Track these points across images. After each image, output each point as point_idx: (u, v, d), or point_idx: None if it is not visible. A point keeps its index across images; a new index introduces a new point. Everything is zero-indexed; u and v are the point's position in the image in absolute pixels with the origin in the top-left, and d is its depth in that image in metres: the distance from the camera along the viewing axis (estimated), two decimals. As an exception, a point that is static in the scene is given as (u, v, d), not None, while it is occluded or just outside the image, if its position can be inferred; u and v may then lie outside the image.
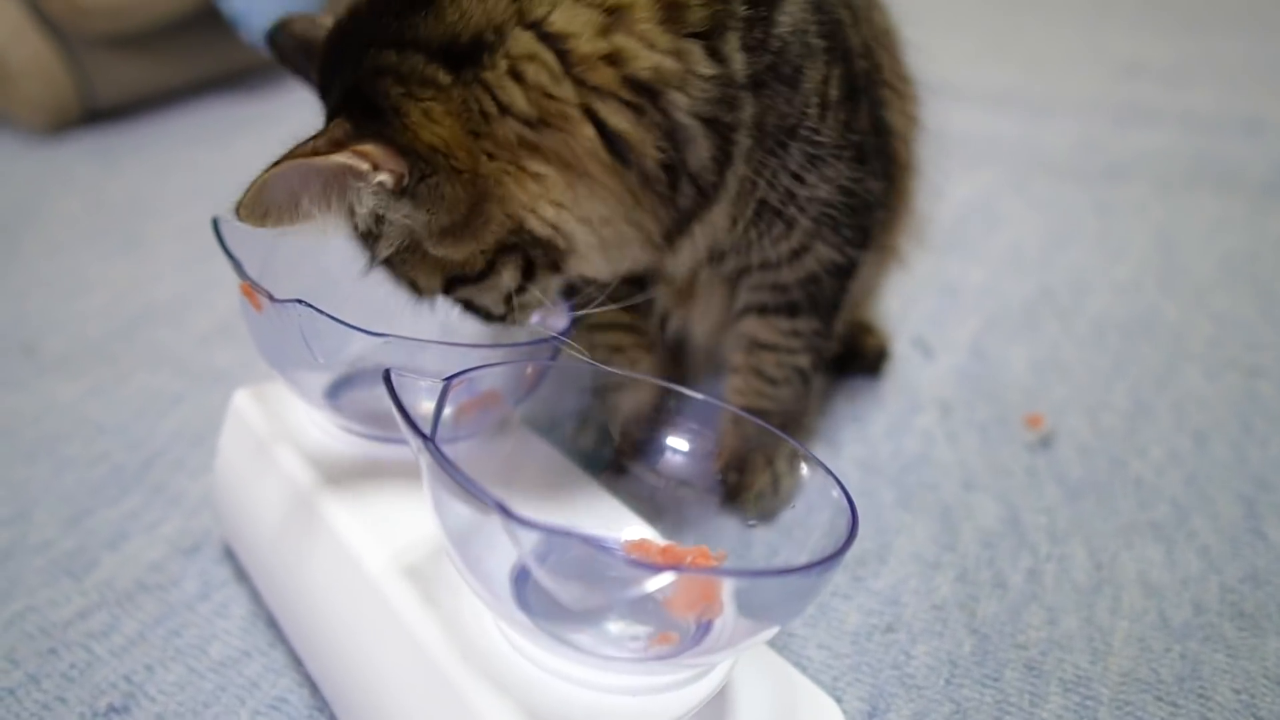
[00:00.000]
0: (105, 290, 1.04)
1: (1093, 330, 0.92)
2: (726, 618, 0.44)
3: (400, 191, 0.48)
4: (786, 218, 0.58)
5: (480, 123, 0.48)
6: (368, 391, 0.61)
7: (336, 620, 0.52)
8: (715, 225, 0.57)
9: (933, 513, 0.71)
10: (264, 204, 0.47)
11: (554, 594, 0.43)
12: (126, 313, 0.99)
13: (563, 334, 0.57)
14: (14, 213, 1.23)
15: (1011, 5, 2.06)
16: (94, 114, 1.51)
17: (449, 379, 0.49)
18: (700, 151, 0.51)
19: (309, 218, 0.48)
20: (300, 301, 0.50)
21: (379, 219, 0.49)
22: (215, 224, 0.58)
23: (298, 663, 0.58)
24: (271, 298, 0.52)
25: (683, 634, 0.45)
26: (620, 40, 0.47)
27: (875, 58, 0.64)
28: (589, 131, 0.48)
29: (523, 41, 0.47)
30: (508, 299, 0.54)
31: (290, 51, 0.59)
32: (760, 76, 0.51)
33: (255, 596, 0.63)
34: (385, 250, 0.51)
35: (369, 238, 0.52)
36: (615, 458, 0.57)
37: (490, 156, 0.48)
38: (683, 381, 0.64)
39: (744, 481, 0.67)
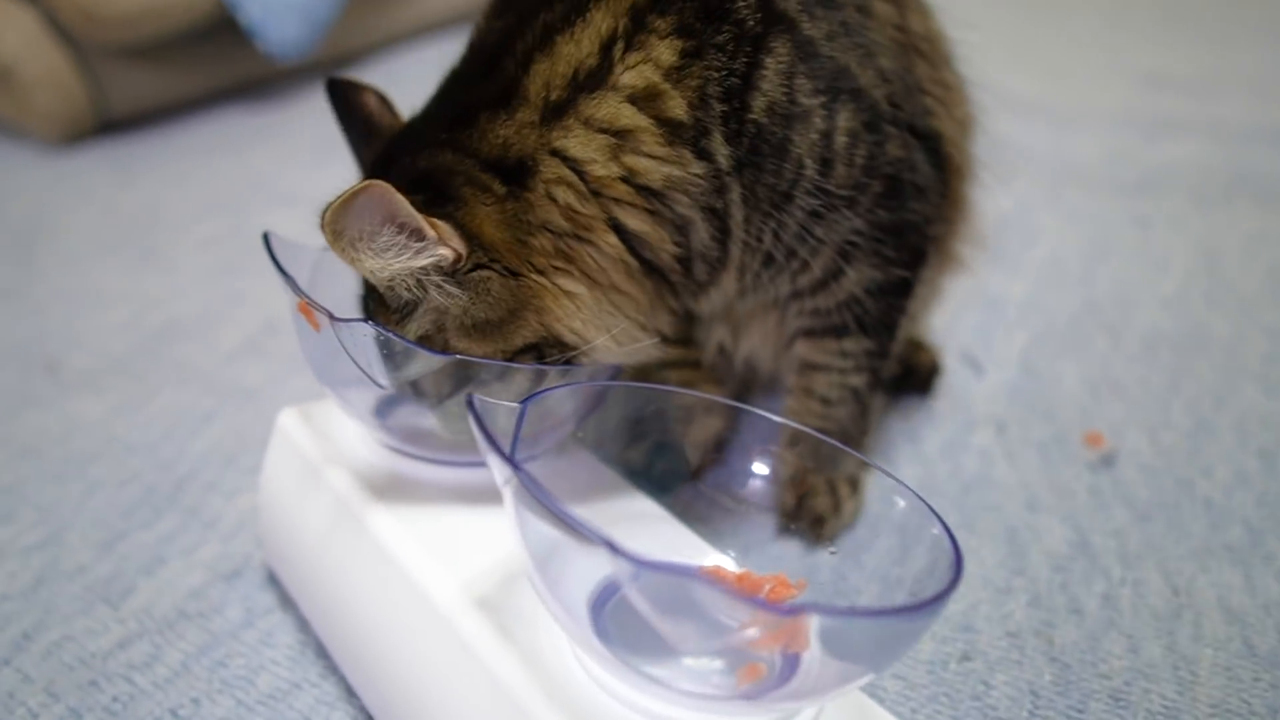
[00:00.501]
0: (127, 304, 1.01)
1: (1143, 346, 0.90)
2: (813, 654, 0.42)
3: (452, 273, 0.50)
4: (799, 259, 0.59)
5: (527, 233, 0.51)
6: (415, 410, 0.59)
7: (401, 653, 0.49)
8: (725, 285, 0.60)
9: (998, 535, 0.68)
10: (344, 221, 0.46)
11: (656, 628, 0.40)
12: (150, 328, 0.97)
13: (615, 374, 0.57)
14: (29, 224, 1.21)
15: (1028, 16, 2.05)
16: (108, 124, 1.48)
17: (526, 401, 0.46)
18: (702, 234, 0.55)
19: (368, 255, 0.48)
20: (368, 320, 0.48)
21: (422, 289, 0.50)
22: (266, 240, 0.56)
23: (351, 695, 0.56)
24: (333, 316, 0.50)
25: (769, 666, 0.43)
26: (630, 160, 0.52)
27: (908, 76, 0.62)
28: (613, 239, 0.52)
29: (552, 167, 0.51)
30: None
31: (346, 109, 0.59)
32: (742, 159, 0.54)
33: (303, 624, 0.61)
34: (413, 327, 0.52)
35: (403, 311, 0.52)
36: (690, 480, 0.55)
37: (534, 268, 0.51)
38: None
39: (805, 504, 0.65)
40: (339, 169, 0.62)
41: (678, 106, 0.51)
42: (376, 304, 0.52)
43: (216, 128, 1.52)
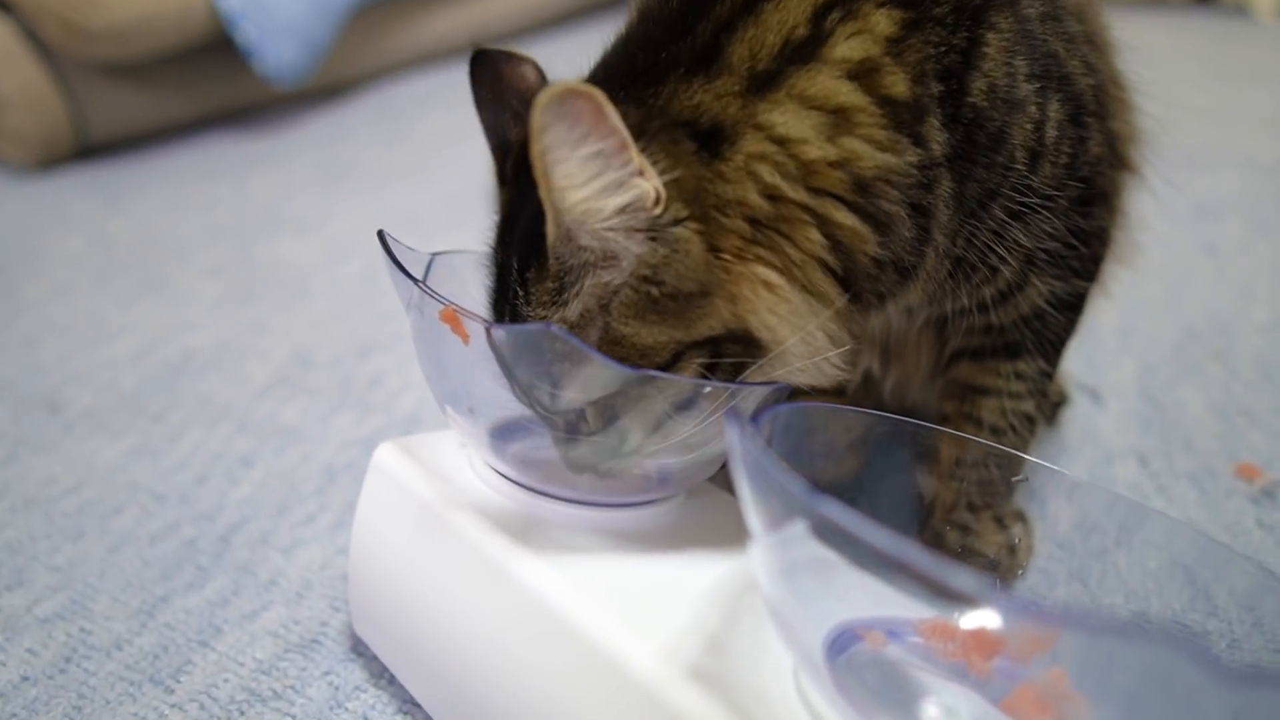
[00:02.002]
0: (131, 336, 0.90)
1: (1260, 373, 0.85)
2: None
3: (648, 225, 0.41)
4: (988, 266, 0.52)
5: (717, 208, 0.43)
6: (532, 440, 0.49)
7: (582, 742, 0.39)
8: (908, 297, 0.52)
9: (1176, 575, 0.61)
10: (550, 117, 0.38)
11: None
12: (162, 361, 0.85)
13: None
14: (8, 252, 1.08)
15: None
16: (87, 149, 1.36)
17: (755, 419, 0.38)
18: (903, 233, 0.47)
19: (564, 167, 0.39)
20: (549, 325, 0.39)
21: (607, 235, 0.41)
22: (383, 239, 0.46)
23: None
24: (489, 323, 0.40)
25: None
26: (848, 144, 0.44)
27: (1104, 69, 0.57)
28: (815, 233, 0.44)
29: (756, 141, 0.44)
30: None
31: (494, 81, 0.49)
32: (958, 149, 0.47)
33: (407, 703, 0.50)
34: (574, 306, 0.42)
35: (565, 279, 0.42)
36: (926, 520, 0.46)
37: (726, 252, 0.43)
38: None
39: (974, 541, 0.57)
40: (343, 197, 0.54)
41: (899, 84, 0.44)
42: (536, 273, 0.42)
43: (207, 154, 1.42)
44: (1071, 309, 0.57)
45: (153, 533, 0.64)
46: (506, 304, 0.44)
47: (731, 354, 0.44)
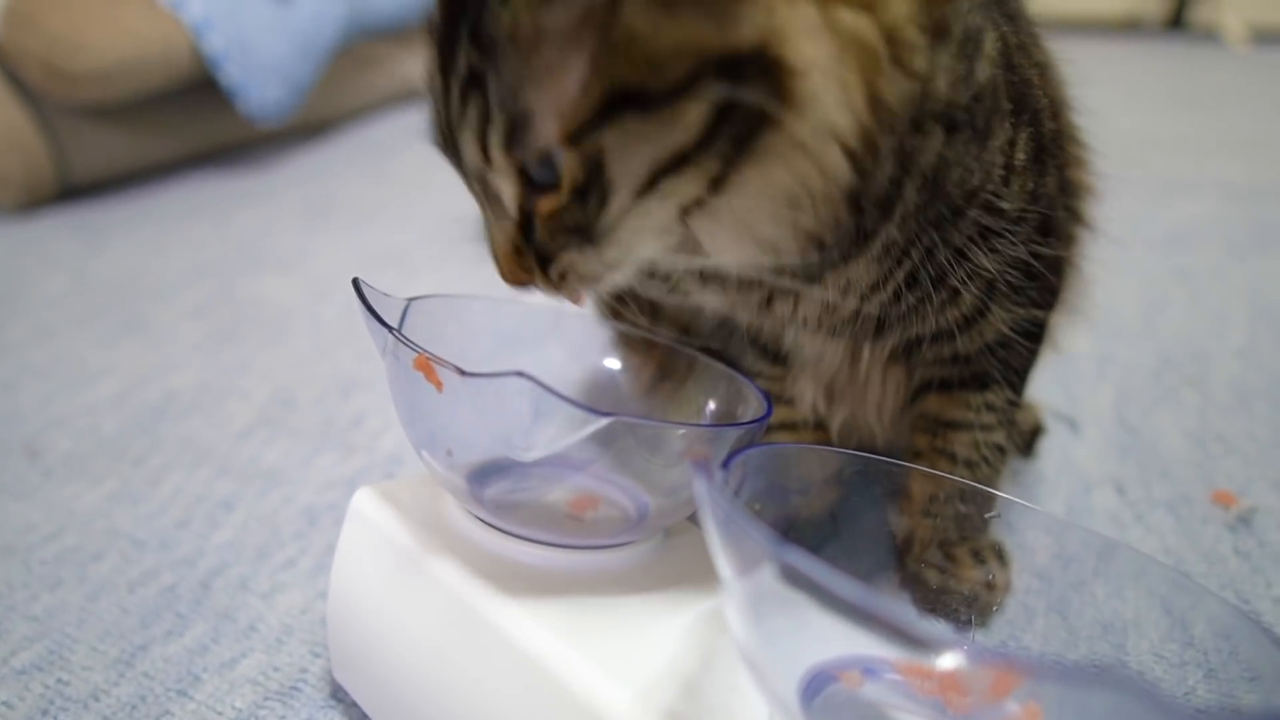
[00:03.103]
0: (112, 379, 0.89)
1: (1235, 399, 0.86)
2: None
3: None
4: (949, 286, 0.50)
5: None
6: (513, 482, 0.50)
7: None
8: (850, 279, 0.48)
9: (1154, 605, 0.61)
10: None
11: None
12: (143, 404, 0.85)
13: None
14: (-12, 295, 1.08)
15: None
16: (69, 190, 1.37)
17: (726, 463, 0.38)
18: (881, 174, 0.41)
19: None
20: (521, 374, 0.39)
21: None
22: (358, 287, 0.47)
23: (466, 843, 0.45)
24: (462, 371, 0.41)
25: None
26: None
27: (1062, 117, 0.57)
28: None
29: None
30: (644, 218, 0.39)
31: None
32: (955, 113, 0.43)
33: (387, 753, 0.50)
34: None
35: None
36: (903, 557, 0.47)
37: None
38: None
39: (950, 578, 0.57)
40: (326, 234, 0.54)
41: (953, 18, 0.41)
42: None
43: (190, 193, 1.42)
44: (1034, 338, 0.57)
45: (132, 580, 0.63)
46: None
47: (752, 97, 0.36)
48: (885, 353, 0.57)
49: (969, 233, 0.48)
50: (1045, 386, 0.87)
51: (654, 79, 0.35)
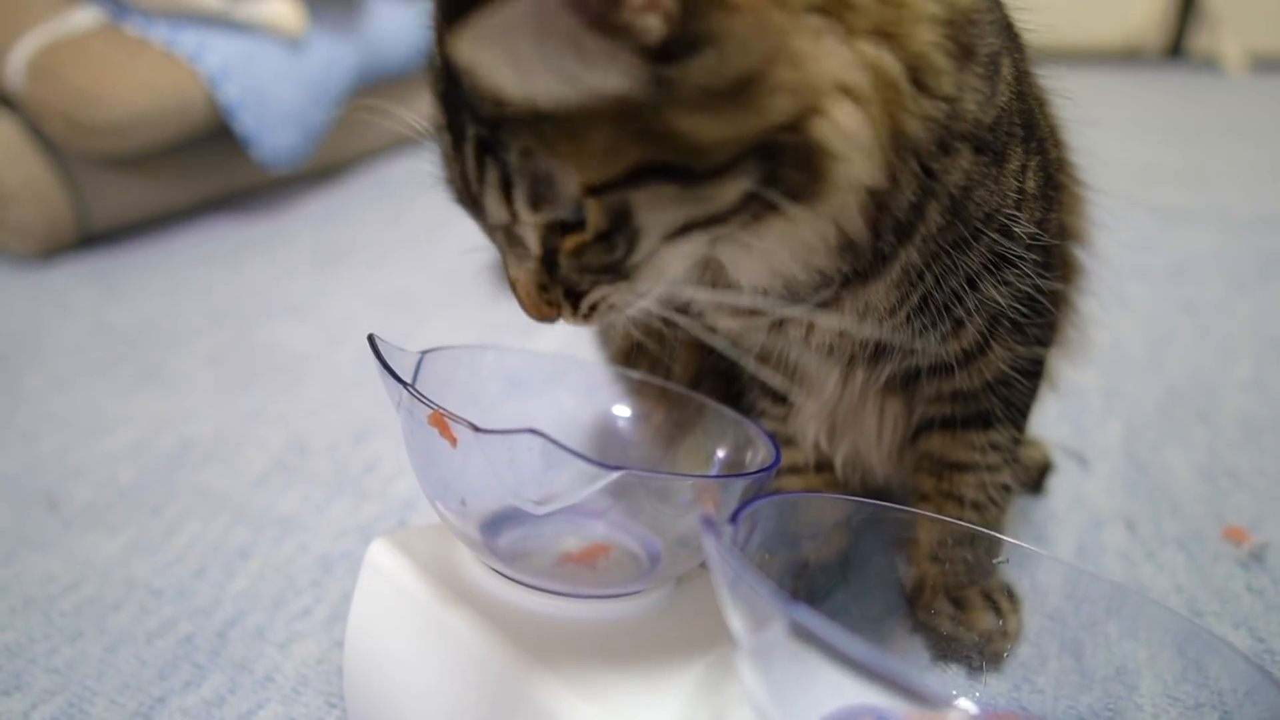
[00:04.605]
0: (130, 428, 0.91)
1: (1243, 432, 0.86)
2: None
3: (661, 49, 0.34)
4: (954, 317, 0.50)
5: None
6: (523, 531, 0.51)
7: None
8: (869, 302, 0.48)
9: (1167, 645, 0.61)
10: None
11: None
12: (160, 452, 0.86)
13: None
14: (8, 344, 1.10)
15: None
16: (87, 238, 1.39)
17: (735, 517, 0.39)
18: (907, 192, 0.42)
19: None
20: (534, 432, 0.40)
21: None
22: (373, 343, 0.48)
23: None
24: (476, 428, 0.42)
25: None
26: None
27: (1060, 149, 0.58)
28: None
29: None
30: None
31: None
32: (981, 133, 0.43)
33: (404, 804, 0.50)
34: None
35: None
36: (914, 603, 0.47)
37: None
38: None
39: (961, 626, 0.57)
40: (340, 278, 0.55)
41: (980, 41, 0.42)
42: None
43: (206, 239, 1.45)
44: (1033, 376, 0.57)
45: (150, 630, 0.64)
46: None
47: (790, 179, 0.37)
48: (882, 379, 0.55)
49: (983, 259, 0.48)
50: (1054, 422, 0.87)
51: (697, 162, 0.36)
